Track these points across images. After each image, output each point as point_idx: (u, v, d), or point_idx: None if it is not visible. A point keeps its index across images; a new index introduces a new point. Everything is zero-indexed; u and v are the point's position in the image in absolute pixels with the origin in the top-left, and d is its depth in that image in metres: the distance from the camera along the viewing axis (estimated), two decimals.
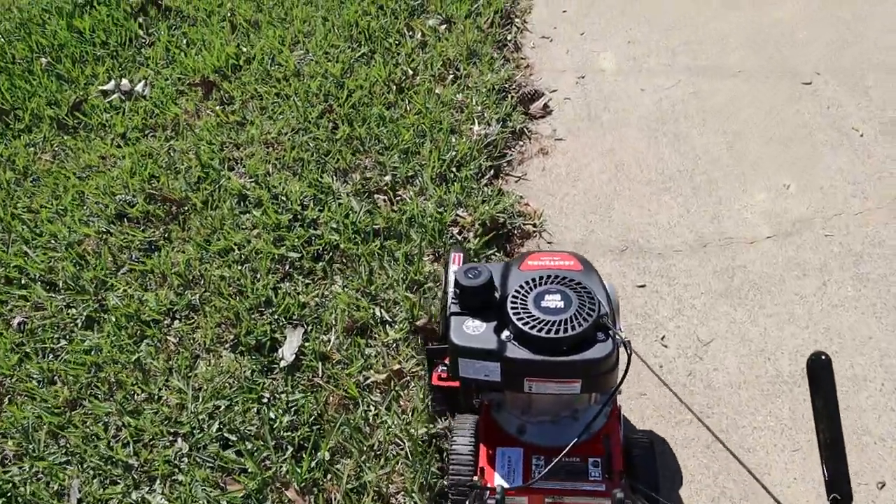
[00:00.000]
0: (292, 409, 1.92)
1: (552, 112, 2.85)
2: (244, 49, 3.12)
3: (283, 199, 2.46)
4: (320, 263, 2.26)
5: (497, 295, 1.29)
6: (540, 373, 1.21)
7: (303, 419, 1.89)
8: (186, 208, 2.48)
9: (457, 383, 1.50)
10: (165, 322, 2.18)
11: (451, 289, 1.34)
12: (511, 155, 2.66)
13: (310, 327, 2.11)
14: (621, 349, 1.21)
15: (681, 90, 2.90)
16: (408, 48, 3.08)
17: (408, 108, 2.80)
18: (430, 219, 2.33)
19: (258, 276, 2.24)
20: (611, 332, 1.21)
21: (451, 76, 2.95)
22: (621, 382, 1.22)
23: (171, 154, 2.69)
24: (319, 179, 2.52)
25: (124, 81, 2.96)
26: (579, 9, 3.46)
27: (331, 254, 2.29)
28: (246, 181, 2.55)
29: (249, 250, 2.30)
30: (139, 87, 2.95)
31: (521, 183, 2.58)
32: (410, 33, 3.19)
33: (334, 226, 2.35)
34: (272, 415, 1.90)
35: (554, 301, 1.22)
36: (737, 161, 2.58)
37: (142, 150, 2.70)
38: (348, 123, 2.72)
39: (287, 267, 2.27)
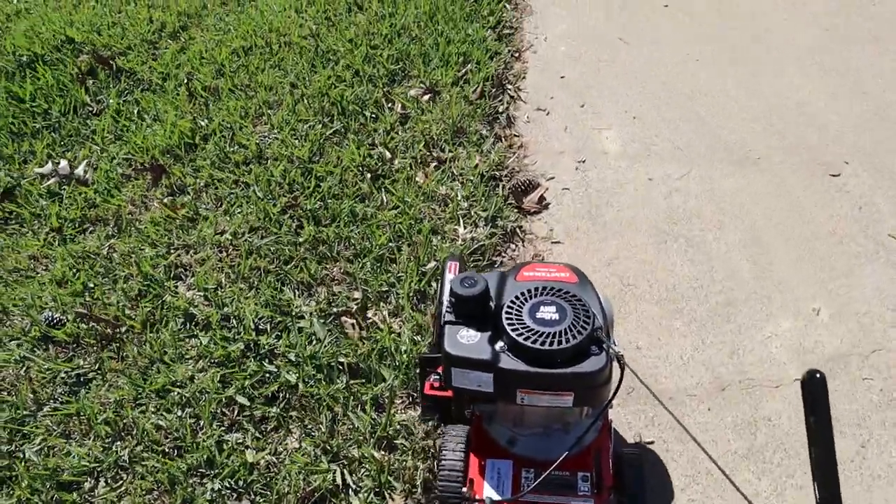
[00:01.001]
0: None
1: (549, 206, 2.51)
2: (201, 123, 2.76)
3: (235, 321, 2.12)
4: (274, 409, 1.93)
5: (492, 305, 1.27)
6: (533, 385, 1.20)
7: None
8: (123, 330, 2.13)
9: (449, 393, 1.47)
10: (87, 485, 1.83)
11: (445, 297, 1.33)
12: (502, 263, 2.32)
13: (257, 497, 1.77)
14: (615, 363, 1.20)
15: (694, 182, 2.57)
16: (386, 123, 2.74)
17: (384, 202, 2.46)
18: (404, 352, 2.00)
19: (201, 424, 1.90)
20: (605, 345, 1.20)
21: (435, 161, 2.61)
22: (613, 396, 1.21)
23: (111, 258, 2.34)
24: (279, 295, 2.18)
25: (63, 163, 2.60)
26: (579, 75, 3.10)
27: (287, 397, 1.96)
28: (194, 295, 2.21)
29: (192, 391, 1.96)
30: (80, 170, 2.59)
31: None
32: (390, 105, 2.85)
33: (293, 358, 2.01)
34: None
35: (549, 313, 1.22)
36: (758, 277, 2.25)
37: (77, 250, 2.35)
38: (315, 222, 2.38)
39: (235, 413, 1.94)
